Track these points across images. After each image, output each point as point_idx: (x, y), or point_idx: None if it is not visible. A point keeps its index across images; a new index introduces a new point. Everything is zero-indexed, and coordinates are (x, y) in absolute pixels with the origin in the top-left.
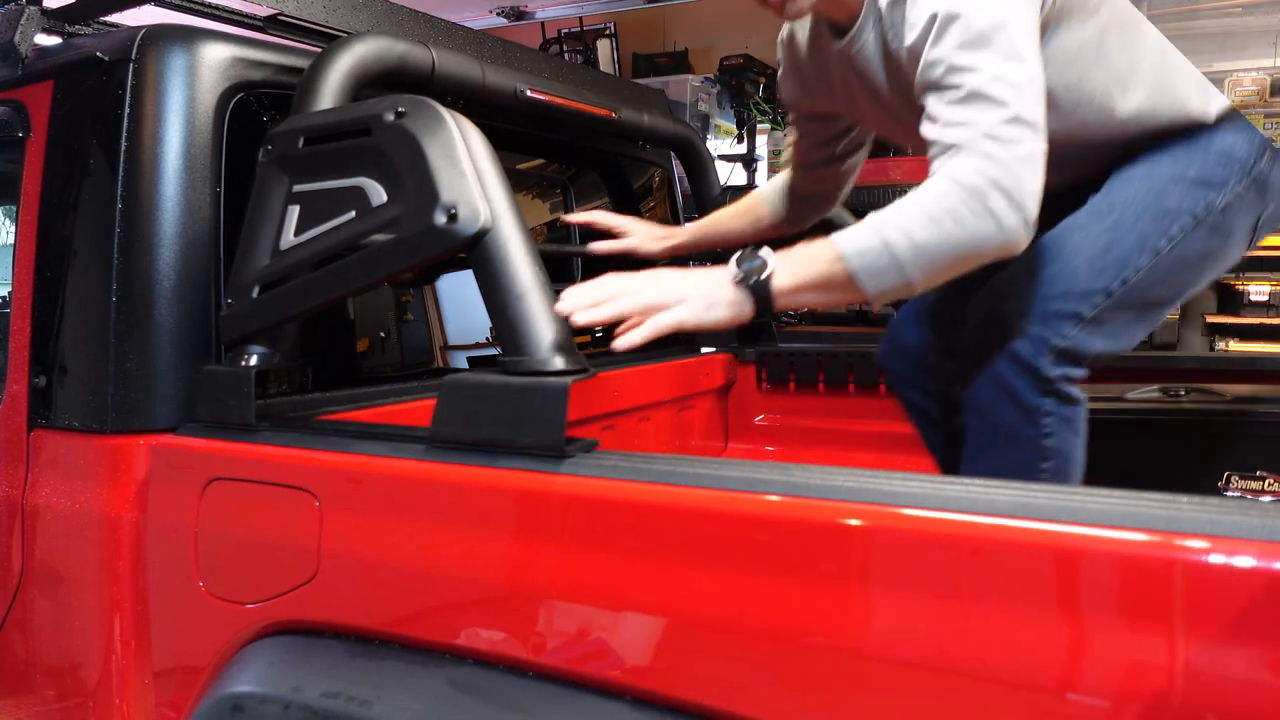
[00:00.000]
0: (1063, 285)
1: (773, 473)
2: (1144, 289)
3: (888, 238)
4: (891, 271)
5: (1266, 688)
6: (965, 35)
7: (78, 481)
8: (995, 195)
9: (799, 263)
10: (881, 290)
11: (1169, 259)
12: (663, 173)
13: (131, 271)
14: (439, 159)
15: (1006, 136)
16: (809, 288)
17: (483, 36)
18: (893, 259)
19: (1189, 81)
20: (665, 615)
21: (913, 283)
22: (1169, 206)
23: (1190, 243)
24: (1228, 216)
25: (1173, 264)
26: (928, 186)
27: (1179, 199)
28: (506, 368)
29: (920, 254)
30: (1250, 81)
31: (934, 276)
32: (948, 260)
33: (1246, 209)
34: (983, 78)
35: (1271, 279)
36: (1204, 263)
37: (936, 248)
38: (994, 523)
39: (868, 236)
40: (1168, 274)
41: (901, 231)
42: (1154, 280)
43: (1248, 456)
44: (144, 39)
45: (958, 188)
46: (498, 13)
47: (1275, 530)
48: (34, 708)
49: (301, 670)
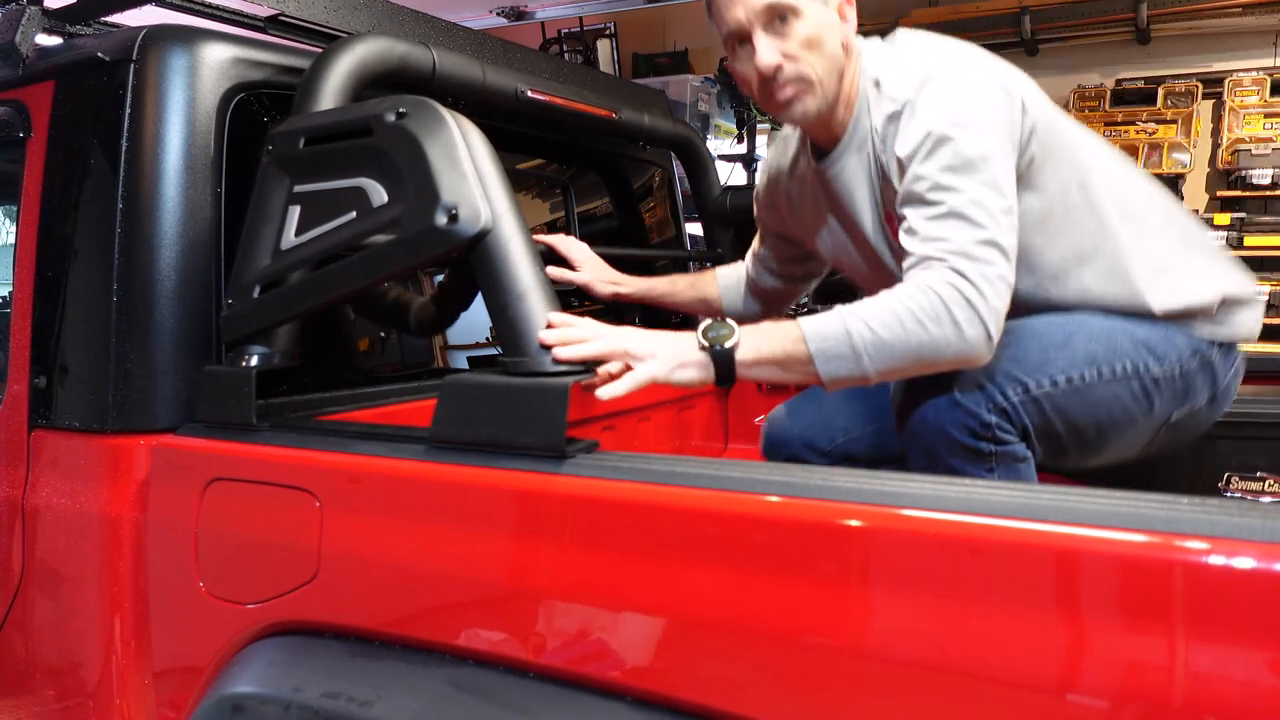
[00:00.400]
0: (1013, 356)
1: (773, 473)
2: (1078, 405)
3: (850, 327)
4: (849, 360)
5: (1266, 688)
6: (953, 159)
7: (78, 481)
8: (961, 306)
9: (762, 336)
10: (835, 375)
11: (1104, 389)
12: (663, 173)
13: (132, 271)
14: (440, 159)
15: (979, 256)
16: (769, 362)
17: (483, 37)
18: (851, 349)
19: (1154, 275)
20: (665, 615)
21: (867, 374)
22: (1117, 345)
23: (1123, 388)
24: (1158, 389)
25: (1106, 397)
26: (898, 290)
27: (1127, 346)
28: (507, 368)
29: (879, 349)
30: (1250, 81)
31: (889, 372)
32: (905, 359)
33: (1170, 396)
34: (963, 199)
35: (1271, 279)
36: (1122, 419)
37: (895, 346)
38: (994, 523)
39: (832, 323)
40: (1098, 404)
41: (864, 324)
42: (1087, 402)
43: (1248, 456)
44: (145, 39)
45: (926, 294)
46: (498, 13)
47: (1275, 530)
48: (34, 708)
49: (302, 670)
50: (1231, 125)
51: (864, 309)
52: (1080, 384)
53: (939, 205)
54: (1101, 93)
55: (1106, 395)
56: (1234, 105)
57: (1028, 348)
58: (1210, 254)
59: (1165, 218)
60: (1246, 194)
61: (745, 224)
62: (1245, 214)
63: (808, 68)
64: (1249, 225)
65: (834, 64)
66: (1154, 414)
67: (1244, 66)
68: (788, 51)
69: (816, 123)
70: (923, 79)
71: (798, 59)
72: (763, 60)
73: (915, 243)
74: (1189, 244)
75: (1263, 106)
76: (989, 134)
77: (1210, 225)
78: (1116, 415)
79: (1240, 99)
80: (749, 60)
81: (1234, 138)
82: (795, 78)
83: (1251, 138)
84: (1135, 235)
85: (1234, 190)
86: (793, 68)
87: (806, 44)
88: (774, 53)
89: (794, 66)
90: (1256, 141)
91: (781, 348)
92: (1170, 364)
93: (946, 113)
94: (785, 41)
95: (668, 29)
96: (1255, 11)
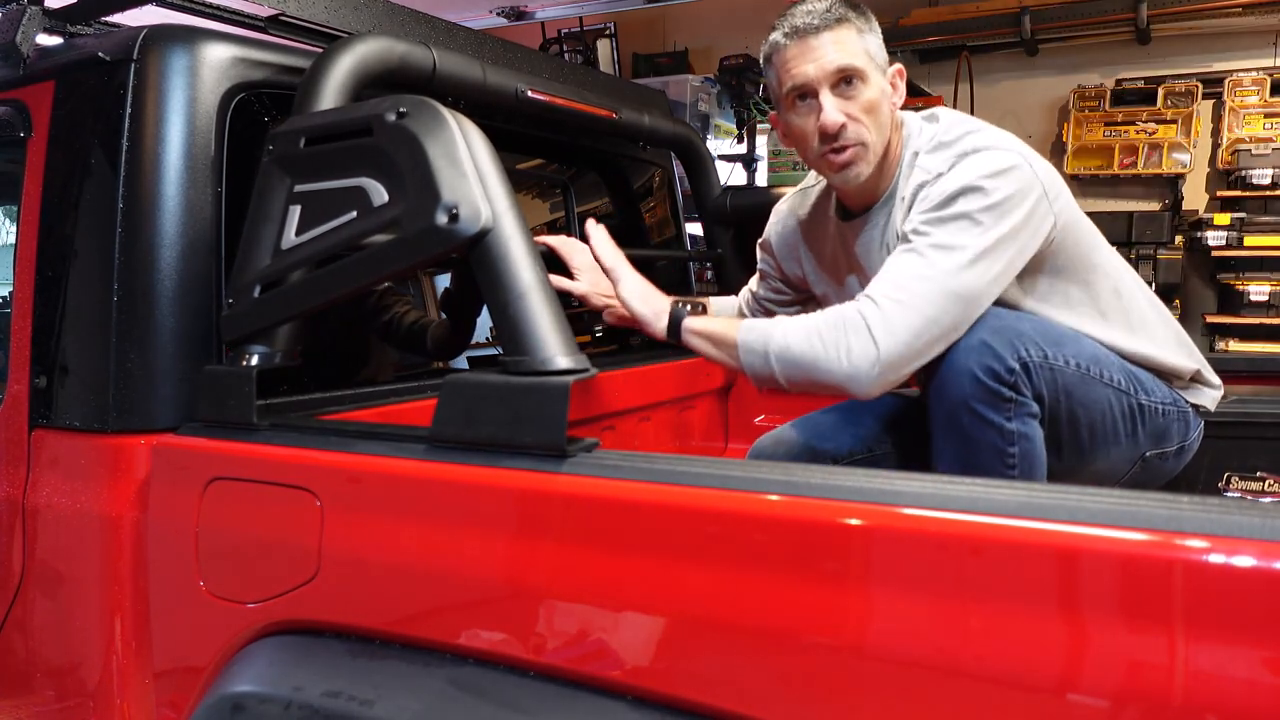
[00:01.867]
0: (1036, 328)
1: (773, 473)
2: (1081, 394)
3: (771, 330)
4: (760, 355)
5: (1266, 688)
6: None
7: (79, 481)
8: (861, 336)
9: (713, 319)
10: (751, 367)
11: (1102, 390)
12: (663, 173)
13: (133, 271)
14: (440, 159)
15: (907, 301)
16: (705, 336)
17: (483, 37)
18: (765, 346)
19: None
20: (666, 615)
21: (774, 373)
22: (1114, 362)
23: (1117, 399)
24: (1142, 416)
25: (1101, 399)
26: (824, 311)
27: (1121, 367)
28: (507, 367)
29: (785, 353)
30: (1250, 81)
31: (790, 378)
32: (801, 368)
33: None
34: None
35: (1271, 279)
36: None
37: (797, 357)
38: (995, 522)
39: (765, 323)
40: (1094, 403)
41: (783, 330)
42: (1088, 396)
43: (1248, 456)
44: (145, 39)
45: (838, 317)
46: (498, 13)
47: (1275, 530)
48: (35, 708)
49: (302, 670)
50: (1231, 125)
51: (796, 321)
52: (1085, 374)
53: (913, 251)
54: (1101, 93)
55: (1101, 398)
56: (1234, 105)
57: (1047, 328)
58: (1189, 344)
59: (1156, 310)
60: (1246, 194)
61: (745, 224)
62: (1245, 214)
63: (867, 133)
64: (1249, 225)
65: (885, 132)
66: (1136, 441)
67: (1244, 66)
68: (851, 113)
69: (862, 187)
70: (959, 154)
71: (859, 122)
72: (830, 119)
73: (876, 278)
74: (1171, 329)
75: (1263, 106)
76: (1002, 202)
77: (1210, 225)
78: (1107, 426)
79: (1240, 99)
80: (808, 116)
81: (1234, 138)
82: (856, 140)
83: (1251, 138)
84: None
85: (1234, 190)
86: (855, 130)
87: (868, 108)
88: (840, 113)
89: (856, 129)
90: (1256, 141)
91: (719, 328)
92: (1155, 400)
93: (965, 179)
94: (850, 104)
95: (668, 29)
96: (1255, 11)
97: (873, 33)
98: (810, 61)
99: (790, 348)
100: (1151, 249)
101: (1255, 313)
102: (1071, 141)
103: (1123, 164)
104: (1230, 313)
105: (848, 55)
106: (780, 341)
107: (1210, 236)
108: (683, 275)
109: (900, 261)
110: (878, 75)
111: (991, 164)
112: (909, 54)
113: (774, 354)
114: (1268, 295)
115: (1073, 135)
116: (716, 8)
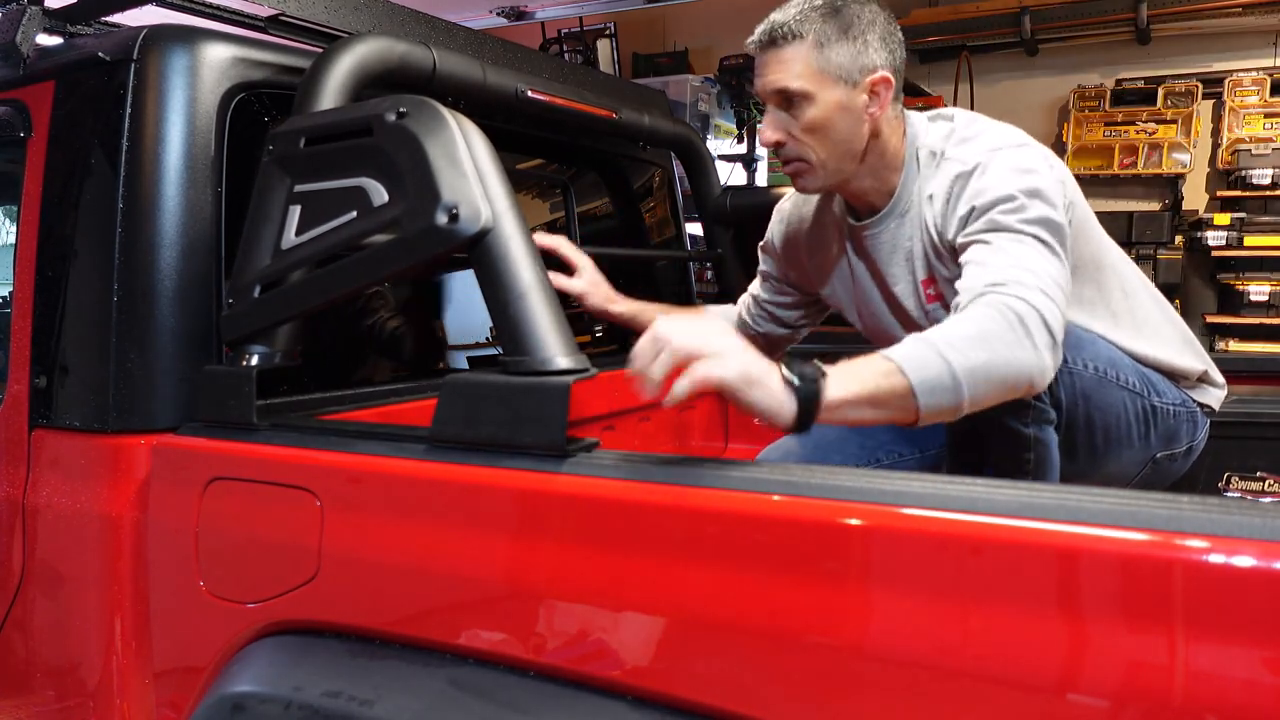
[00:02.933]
0: None
1: (773, 473)
2: (1098, 398)
3: (944, 353)
4: (949, 390)
5: (1266, 688)
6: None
7: (79, 481)
8: (1037, 325)
9: (851, 374)
10: (937, 407)
11: (1117, 393)
12: (663, 173)
13: (133, 271)
14: (440, 159)
15: (1048, 291)
16: (863, 401)
17: (483, 37)
18: (951, 375)
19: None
20: (665, 615)
21: (963, 403)
22: (1128, 364)
23: (1131, 401)
24: (1155, 418)
25: (1116, 403)
26: (968, 314)
27: (1135, 369)
28: (507, 367)
29: (975, 373)
30: (1250, 81)
31: (980, 399)
32: (995, 382)
33: (1163, 432)
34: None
35: (1271, 279)
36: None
37: (988, 368)
38: (995, 522)
39: (922, 350)
40: (1110, 407)
41: (956, 350)
42: (1104, 400)
43: (1248, 456)
44: (145, 39)
45: (1004, 314)
46: (498, 13)
47: (1275, 530)
48: (34, 708)
49: (302, 670)
50: (1231, 125)
51: (946, 335)
52: (1103, 378)
53: (1029, 244)
54: (1101, 93)
55: (1117, 401)
56: (1234, 105)
57: (1065, 331)
58: (1194, 343)
59: (1161, 309)
60: (1246, 194)
61: (745, 224)
62: (1245, 214)
63: (808, 151)
64: (1249, 225)
65: (843, 148)
66: (1149, 443)
67: (1244, 66)
68: (791, 132)
69: (846, 193)
70: (993, 148)
71: (800, 142)
72: (764, 135)
73: (983, 274)
74: (1175, 325)
75: (1263, 106)
76: (1055, 201)
77: (1210, 225)
78: (1121, 429)
79: (1240, 99)
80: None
81: (1234, 138)
82: (795, 157)
83: (1251, 138)
84: (1136, 308)
85: (1234, 190)
86: (793, 148)
87: (810, 128)
88: (775, 131)
89: (794, 148)
90: (1256, 141)
91: (876, 384)
92: (1166, 402)
93: (1029, 179)
94: (792, 122)
95: (668, 29)
96: (1255, 11)
97: (847, 40)
98: (759, 75)
99: (979, 364)
100: (1151, 249)
101: (1255, 313)
102: (1071, 141)
103: (1123, 164)
104: (1230, 313)
105: (786, 77)
106: (961, 361)
107: (1210, 236)
108: (683, 275)
109: (1023, 255)
110: (832, 91)
111: (1029, 160)
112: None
113: (964, 379)
114: (1268, 295)
115: (1073, 135)
116: (716, 8)
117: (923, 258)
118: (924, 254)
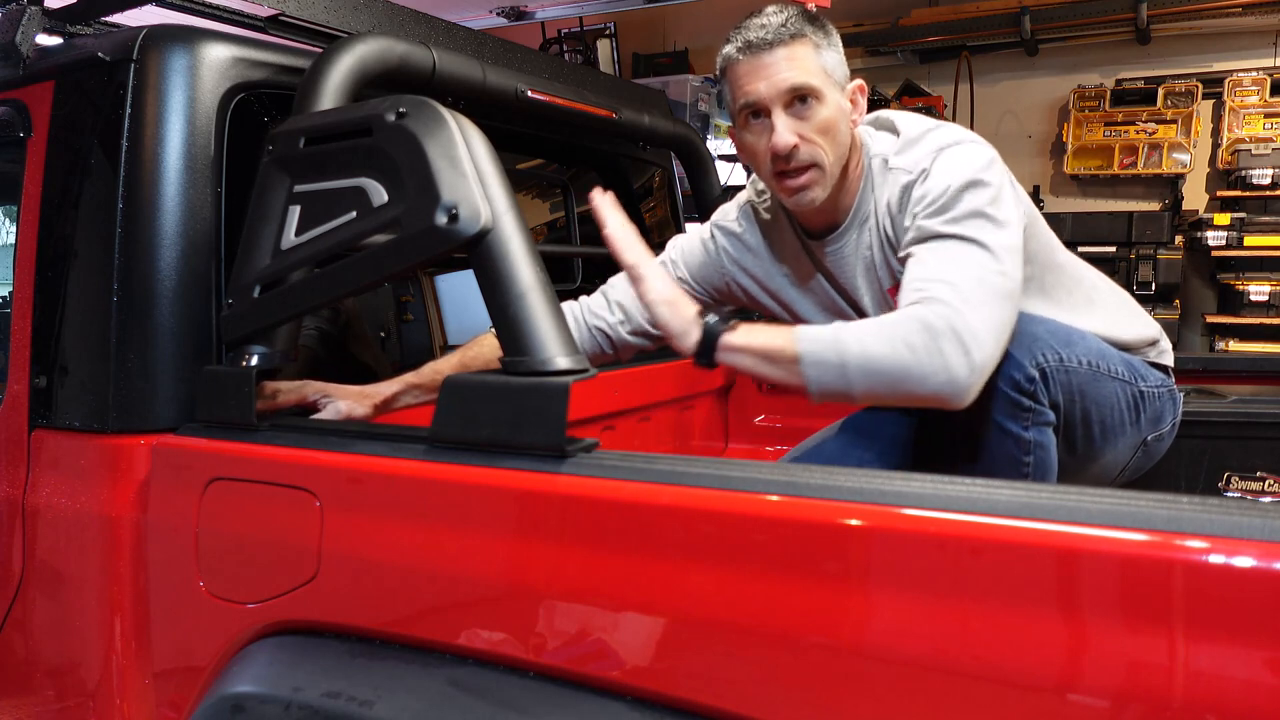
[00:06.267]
0: (1048, 329)
1: (773, 473)
2: (1092, 392)
3: (840, 337)
4: (834, 368)
5: (1266, 688)
6: (970, 209)
7: (78, 482)
8: (952, 344)
9: (756, 331)
10: (820, 381)
11: (1110, 385)
12: (663, 173)
13: (132, 271)
14: (440, 159)
15: (980, 302)
16: (755, 352)
17: (483, 37)
18: (839, 355)
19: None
20: (665, 615)
21: (851, 387)
22: (1114, 354)
23: (1122, 391)
24: (1144, 403)
25: (1109, 394)
26: (894, 315)
27: (1120, 358)
28: (507, 368)
29: (866, 362)
30: (1250, 81)
31: (871, 390)
32: (889, 379)
33: (1150, 415)
34: (973, 248)
35: (1271, 279)
36: (1118, 424)
37: (881, 363)
38: (995, 523)
39: (825, 331)
40: (1104, 399)
41: (855, 337)
42: (1098, 393)
43: (1248, 456)
44: (145, 39)
45: (923, 323)
46: (498, 13)
47: (1275, 530)
48: (34, 708)
49: (302, 670)
50: (1231, 125)
51: (856, 326)
52: (1095, 371)
53: (951, 248)
54: (1101, 93)
55: (1110, 393)
56: (1234, 105)
57: (1055, 328)
58: (1133, 305)
59: (1106, 282)
60: (1246, 194)
61: None
62: (1245, 214)
63: (821, 153)
64: (1249, 225)
65: (842, 151)
66: (1139, 428)
67: (1244, 66)
68: (804, 134)
69: (820, 208)
70: (936, 149)
71: (813, 143)
72: (782, 140)
73: (921, 276)
74: (1122, 298)
75: (1263, 106)
76: (1002, 196)
77: (1210, 225)
78: (1116, 419)
79: (1240, 99)
80: (761, 134)
81: (1234, 138)
82: (810, 162)
83: (1251, 138)
84: (1092, 293)
85: (1234, 190)
86: (808, 151)
87: (822, 129)
88: (792, 134)
89: (810, 150)
90: (1256, 141)
91: (769, 340)
92: (1150, 385)
93: (963, 173)
94: (803, 124)
95: (668, 29)
96: (1255, 11)
97: (832, 48)
98: (763, 79)
99: (875, 358)
100: (1151, 249)
101: (1255, 313)
102: (1071, 141)
103: (1123, 164)
104: (1230, 313)
105: (802, 73)
106: (859, 351)
107: (1210, 236)
108: None
109: (943, 261)
110: (834, 93)
111: (976, 157)
112: (909, 54)
113: (854, 365)
114: (1268, 295)
115: (1073, 135)
116: (716, 8)
117: (885, 266)
118: (885, 263)
